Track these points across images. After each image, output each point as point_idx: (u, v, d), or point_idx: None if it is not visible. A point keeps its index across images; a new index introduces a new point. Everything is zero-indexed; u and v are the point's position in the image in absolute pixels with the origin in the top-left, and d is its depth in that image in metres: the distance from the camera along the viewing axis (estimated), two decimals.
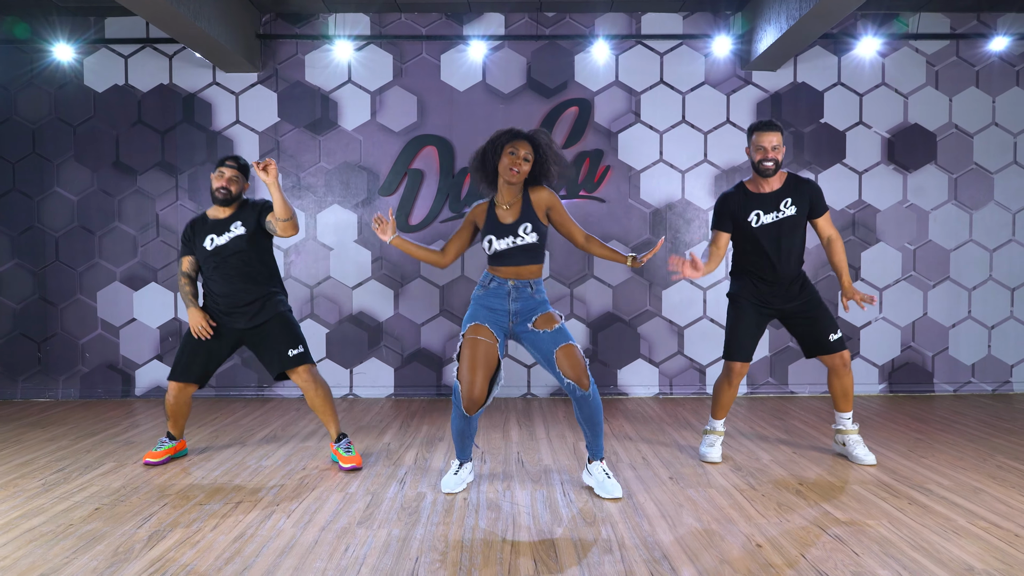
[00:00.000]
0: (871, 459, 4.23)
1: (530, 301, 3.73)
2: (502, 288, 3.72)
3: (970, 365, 6.50)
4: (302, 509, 3.49)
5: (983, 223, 6.45)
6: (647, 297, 6.43)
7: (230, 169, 4.28)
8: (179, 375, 4.31)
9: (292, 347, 4.29)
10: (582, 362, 3.61)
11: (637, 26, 6.36)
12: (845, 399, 4.32)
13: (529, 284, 3.74)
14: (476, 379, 3.60)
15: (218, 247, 4.28)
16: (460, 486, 3.80)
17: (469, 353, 3.63)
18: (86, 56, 6.35)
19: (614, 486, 3.68)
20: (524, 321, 3.71)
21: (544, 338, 3.66)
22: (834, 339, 4.22)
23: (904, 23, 6.28)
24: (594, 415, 3.70)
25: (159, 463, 4.32)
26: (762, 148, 4.11)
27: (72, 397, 6.43)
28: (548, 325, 3.68)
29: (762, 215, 4.18)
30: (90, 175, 6.37)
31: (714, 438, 4.38)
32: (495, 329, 3.70)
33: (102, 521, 3.33)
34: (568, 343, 3.64)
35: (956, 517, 3.33)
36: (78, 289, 6.41)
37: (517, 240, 3.70)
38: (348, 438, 4.42)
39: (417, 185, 6.35)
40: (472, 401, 3.61)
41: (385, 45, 6.36)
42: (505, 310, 3.72)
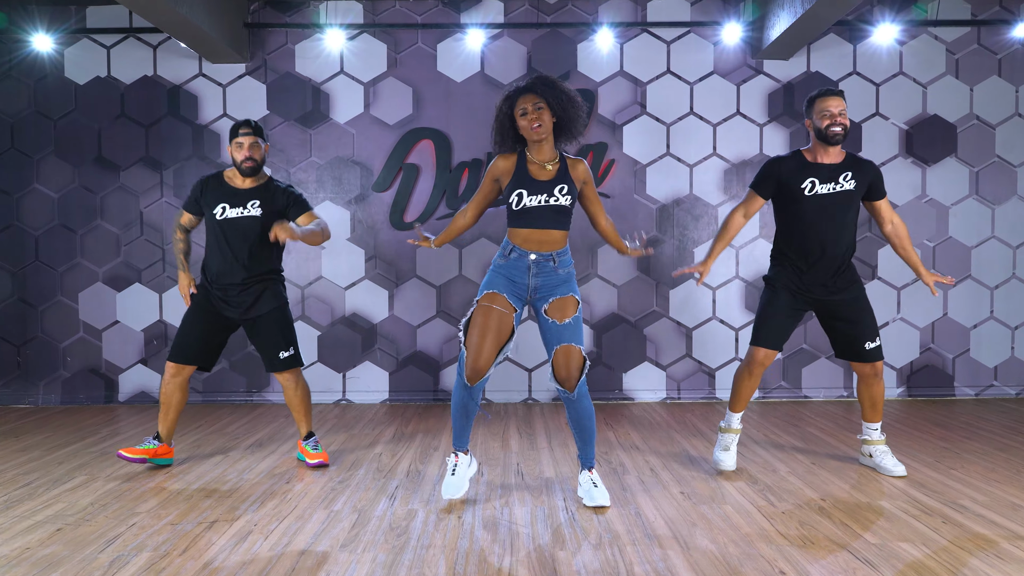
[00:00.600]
0: (901, 470, 3.93)
1: (552, 277, 3.49)
2: (522, 261, 3.48)
3: (992, 368, 6.20)
4: (281, 530, 3.21)
5: (1006, 218, 6.15)
6: (654, 297, 6.13)
7: (247, 136, 4.06)
8: (175, 355, 4.14)
9: (284, 349, 4.18)
10: (578, 366, 3.39)
11: (643, 13, 6.06)
12: (874, 409, 4.03)
13: (552, 257, 3.48)
14: (484, 347, 3.40)
15: (228, 219, 4.09)
16: (462, 488, 3.53)
17: (481, 320, 3.43)
18: (67, 47, 6.07)
19: (600, 494, 3.47)
20: (541, 299, 3.50)
21: (551, 328, 3.44)
22: (871, 347, 3.90)
23: (923, 9, 5.98)
24: (582, 419, 3.47)
25: (131, 460, 4.07)
26: (829, 113, 3.77)
27: (53, 403, 6.15)
28: (560, 315, 3.43)
29: (818, 184, 3.83)
30: (71, 171, 6.09)
31: (730, 439, 4.05)
32: (513, 299, 3.49)
33: (62, 544, 3.05)
34: (569, 344, 3.40)
35: (997, 539, 3.04)
36: (59, 290, 6.14)
37: (551, 199, 3.45)
38: (316, 436, 4.35)
39: (412, 180, 6.07)
40: (475, 370, 3.41)
41: (379, 34, 6.08)
42: (524, 283, 3.50)
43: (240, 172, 4.10)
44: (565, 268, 3.52)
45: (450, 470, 3.58)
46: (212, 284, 4.15)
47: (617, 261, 6.10)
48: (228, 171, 4.20)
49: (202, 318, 4.15)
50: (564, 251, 3.54)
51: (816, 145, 3.89)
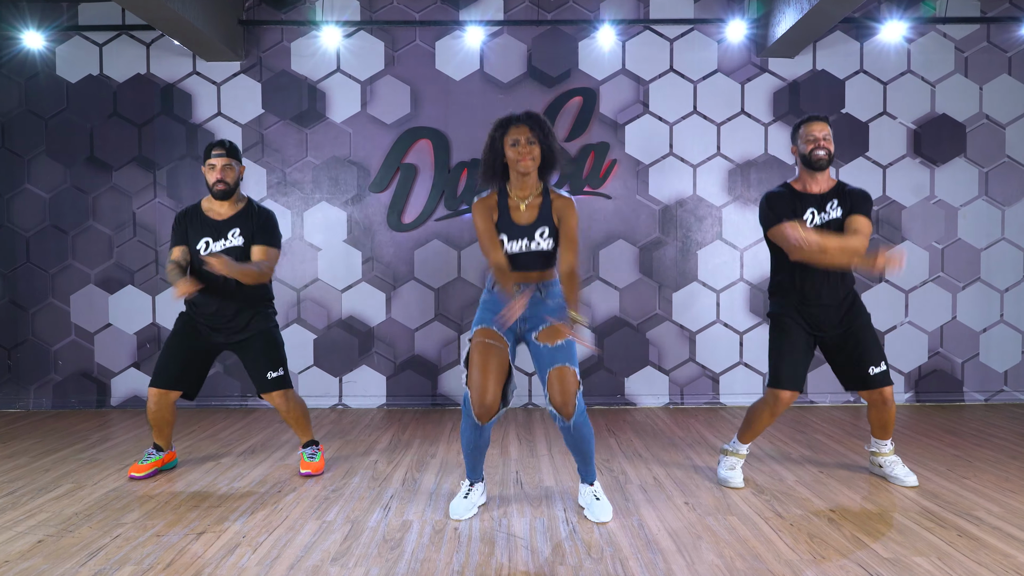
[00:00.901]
0: (912, 480, 3.81)
1: (539, 306, 3.37)
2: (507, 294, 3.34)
3: (1002, 372, 6.07)
4: (271, 541, 3.09)
5: (1016, 220, 6.02)
6: (656, 300, 6.01)
7: (220, 158, 3.94)
8: (158, 380, 4.01)
9: (272, 370, 4.07)
10: (573, 389, 3.23)
11: (645, 10, 5.94)
12: (884, 430, 3.89)
13: (538, 288, 3.38)
14: (488, 385, 3.27)
15: (214, 254, 3.92)
16: (470, 511, 3.41)
17: (479, 359, 3.30)
18: (58, 44, 5.95)
19: (602, 509, 3.35)
20: (531, 329, 3.36)
21: (543, 353, 3.31)
22: (875, 372, 3.74)
23: (931, 6, 5.86)
24: (580, 444, 3.35)
25: (144, 477, 4.01)
26: (812, 137, 3.67)
27: (44, 407, 6.03)
28: (551, 339, 3.29)
29: (815, 215, 3.71)
30: (63, 171, 5.97)
31: (735, 460, 3.91)
32: (505, 333, 3.37)
33: (43, 556, 2.93)
34: (563, 365, 3.25)
35: (1015, 552, 2.92)
36: (50, 292, 6.02)
37: (532, 245, 3.35)
38: (317, 445, 4.22)
39: (410, 181, 5.95)
40: (484, 408, 3.27)
41: (376, 31, 5.96)
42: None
43: (212, 195, 3.99)
44: (554, 299, 3.39)
45: (463, 493, 3.48)
46: (199, 315, 4.03)
47: (619, 262, 5.97)
48: (205, 201, 4.07)
49: (186, 344, 4.03)
50: (551, 283, 3.43)
51: (803, 173, 3.76)
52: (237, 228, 4.00)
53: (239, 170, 4.03)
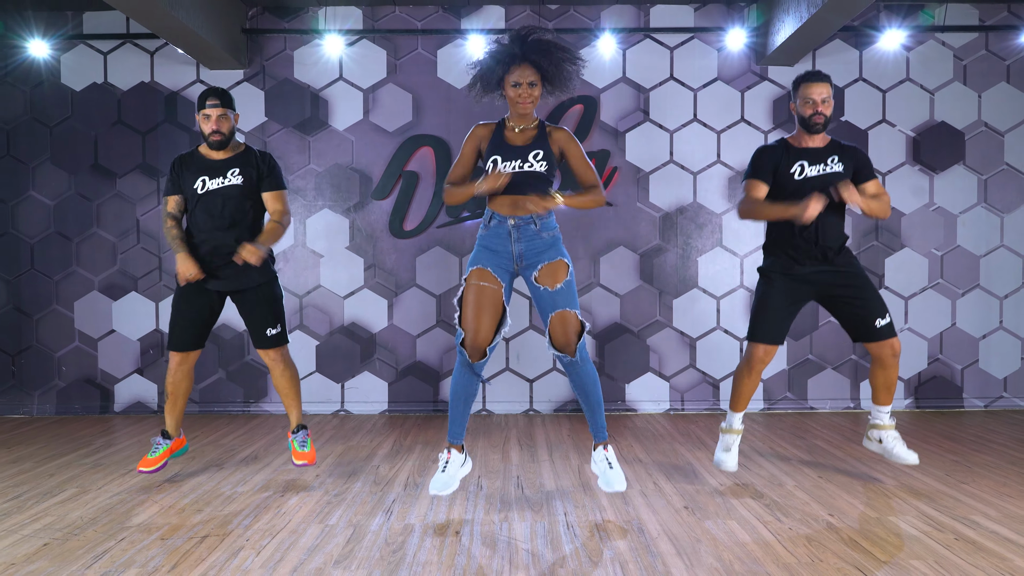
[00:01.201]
0: (913, 458, 3.84)
1: (535, 241, 3.39)
2: (503, 227, 3.42)
3: (1002, 379, 6.09)
4: (274, 545, 3.12)
5: (1015, 227, 6.05)
6: (657, 307, 6.04)
7: (214, 108, 3.96)
8: (176, 344, 4.06)
9: (271, 326, 4.10)
10: (575, 331, 3.32)
11: (646, 19, 6.00)
12: (887, 391, 3.90)
13: (532, 220, 3.39)
14: (481, 323, 3.35)
15: (210, 191, 4.01)
16: (449, 486, 3.41)
17: (473, 299, 3.37)
18: (63, 53, 6.01)
19: (616, 478, 3.40)
20: (529, 267, 3.41)
21: (544, 296, 3.36)
22: (882, 324, 3.76)
23: (930, 15, 5.90)
24: (585, 385, 3.40)
25: (154, 470, 4.03)
26: (811, 101, 3.74)
27: (48, 413, 6.06)
28: (550, 281, 3.35)
29: (807, 167, 3.78)
30: (67, 178, 6.03)
31: (731, 439, 3.97)
32: (499, 272, 3.42)
33: (48, 559, 2.96)
34: (565, 310, 3.32)
35: (1012, 556, 2.94)
36: (54, 299, 6.06)
37: (524, 165, 3.35)
38: (307, 429, 4.20)
39: (412, 188, 5.99)
40: (475, 346, 3.34)
41: (378, 40, 6.01)
42: (508, 252, 3.42)
43: (208, 146, 4.02)
44: (549, 231, 3.42)
45: (441, 466, 3.47)
46: (197, 251, 4.03)
47: (620, 269, 6.01)
48: (201, 147, 4.12)
49: (190, 300, 4.04)
50: (548, 214, 3.44)
51: (800, 131, 3.85)
52: (236, 168, 4.01)
53: (234, 118, 4.04)
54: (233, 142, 4.10)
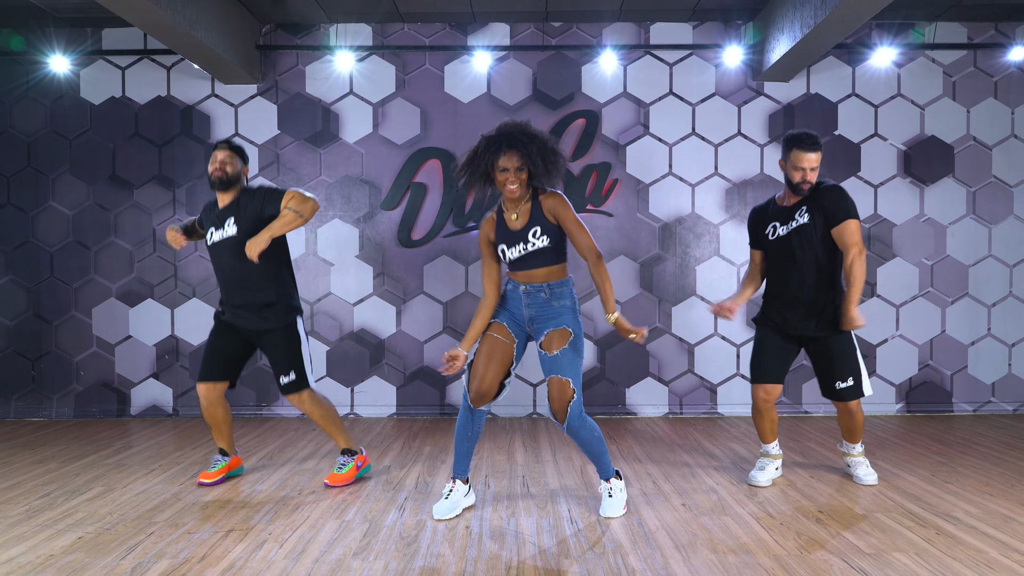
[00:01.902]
0: (872, 479, 4.12)
1: (545, 308, 3.54)
2: (516, 292, 3.61)
3: (990, 384, 6.29)
4: (295, 538, 3.31)
5: (1002, 238, 6.26)
6: (656, 314, 6.24)
7: (222, 151, 4.13)
8: (202, 375, 4.22)
9: (284, 374, 4.17)
10: (565, 398, 3.41)
11: (646, 36, 6.21)
12: (851, 435, 4.20)
13: (543, 288, 3.54)
14: (488, 371, 3.54)
15: (215, 243, 4.18)
16: (452, 512, 3.61)
17: (486, 348, 3.58)
18: (82, 68, 6.23)
19: (610, 505, 3.61)
20: (538, 331, 3.56)
21: (544, 360, 3.51)
22: (841, 387, 4.00)
23: (920, 33, 6.12)
24: (584, 445, 3.57)
25: (213, 483, 4.22)
26: (801, 169, 3.89)
27: (66, 416, 6.26)
28: (550, 347, 3.48)
29: (778, 227, 4.02)
30: (86, 189, 6.24)
31: (766, 461, 4.20)
32: (513, 329, 3.61)
33: (84, 551, 3.16)
34: (557, 376, 3.44)
35: (988, 549, 3.14)
36: (73, 305, 6.26)
37: (528, 246, 3.51)
38: (351, 455, 4.28)
39: (420, 199, 6.20)
40: (479, 393, 3.53)
41: (387, 56, 6.23)
42: (521, 314, 3.61)
43: (210, 184, 4.15)
44: (560, 301, 3.52)
45: (444, 494, 3.67)
46: (224, 305, 4.24)
47: (620, 278, 6.21)
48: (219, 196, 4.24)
49: (219, 335, 4.24)
50: (559, 283, 3.54)
51: (786, 189, 4.05)
52: (232, 217, 4.11)
53: (241, 167, 4.16)
54: (237, 188, 4.16)
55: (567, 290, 3.58)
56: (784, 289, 4.03)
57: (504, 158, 3.41)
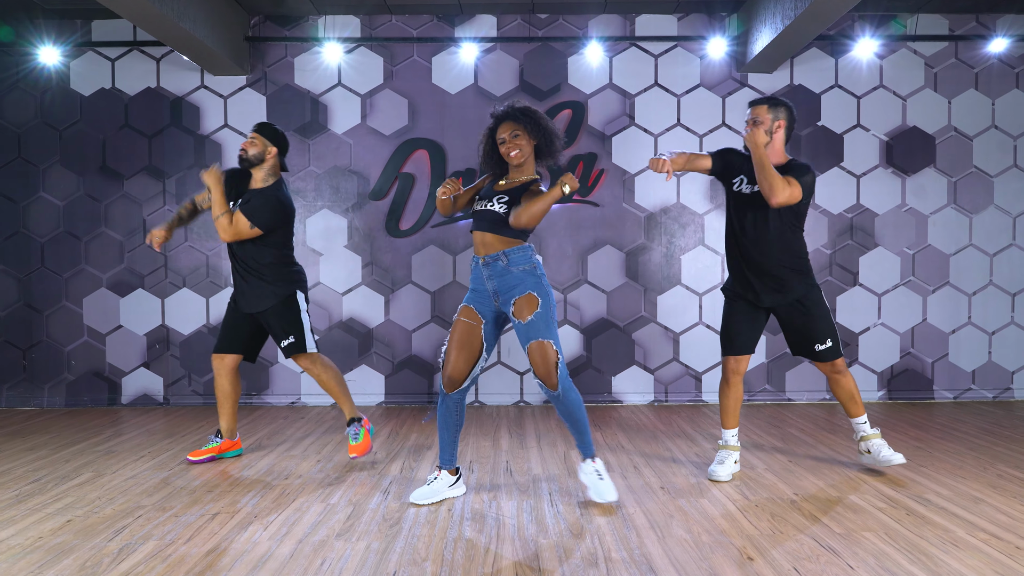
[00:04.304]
0: (899, 459, 4.00)
1: (506, 277, 3.54)
2: (477, 268, 3.64)
3: (970, 372, 6.39)
4: (280, 521, 3.39)
5: (983, 227, 6.35)
6: (642, 303, 6.32)
7: (253, 132, 4.34)
8: (215, 347, 4.46)
9: (283, 337, 4.35)
10: (552, 360, 3.45)
11: (631, 28, 6.27)
12: (852, 402, 4.10)
13: (499, 256, 3.54)
14: (459, 358, 3.60)
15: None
16: (430, 498, 3.64)
17: (456, 335, 3.64)
18: (72, 59, 6.26)
19: (607, 488, 3.55)
20: (505, 302, 3.57)
21: (519, 328, 3.53)
22: (820, 349, 4.01)
23: (902, 25, 6.19)
24: (571, 413, 3.58)
25: (198, 461, 4.41)
26: (746, 122, 4.02)
27: (57, 405, 6.32)
28: (523, 314, 3.49)
29: (744, 181, 3.98)
30: (76, 180, 6.28)
31: (724, 453, 4.10)
32: (482, 310, 3.63)
33: (72, 534, 3.22)
34: (539, 340, 3.47)
35: (955, 528, 3.22)
36: (64, 295, 6.31)
37: (489, 204, 3.59)
38: (359, 422, 4.40)
39: (408, 189, 6.26)
40: (448, 379, 3.60)
41: (375, 47, 6.28)
42: (485, 290, 3.61)
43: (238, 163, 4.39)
44: (519, 266, 3.53)
45: (428, 481, 3.73)
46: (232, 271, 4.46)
47: (606, 267, 6.28)
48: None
49: (230, 314, 4.46)
50: (516, 249, 3.54)
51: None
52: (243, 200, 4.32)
53: (263, 149, 4.30)
54: (266, 172, 4.34)
55: (525, 256, 3.56)
56: (741, 254, 3.99)
57: (500, 129, 3.63)
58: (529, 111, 3.62)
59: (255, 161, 4.31)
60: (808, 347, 4.05)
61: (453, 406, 3.67)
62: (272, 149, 4.34)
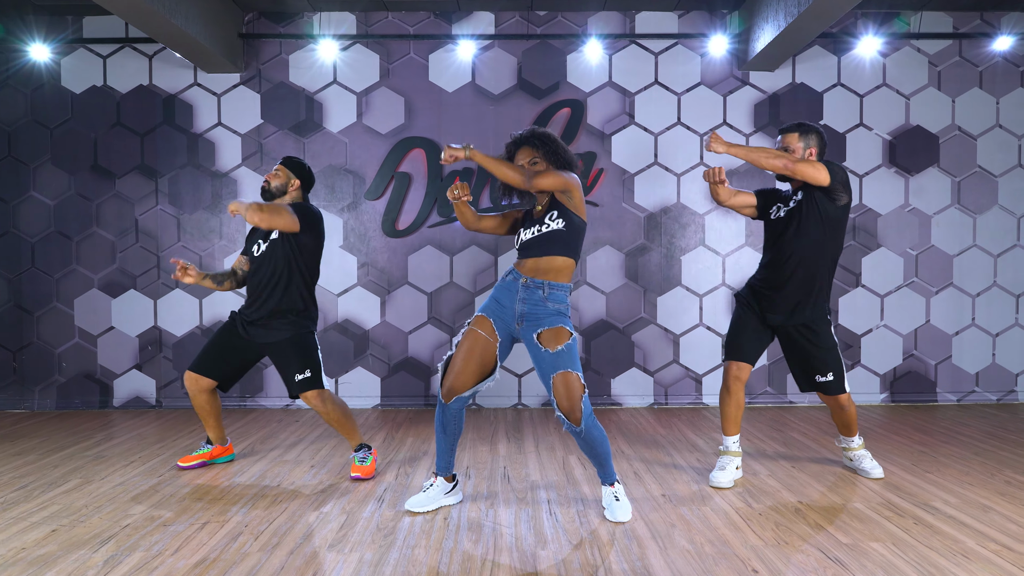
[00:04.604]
0: (878, 472, 4.05)
1: (540, 307, 3.43)
2: (515, 283, 3.49)
3: (974, 374, 6.30)
4: (271, 530, 3.29)
5: (987, 227, 6.26)
6: (641, 304, 6.23)
7: (279, 165, 4.27)
8: (192, 365, 4.28)
9: (299, 372, 4.16)
10: (578, 394, 3.30)
11: (631, 25, 6.18)
12: (847, 428, 4.14)
13: (543, 285, 3.44)
14: (466, 369, 3.45)
15: (261, 254, 4.22)
16: (426, 505, 3.55)
17: (467, 344, 3.48)
18: (63, 56, 6.16)
19: (622, 510, 3.43)
20: (530, 329, 3.43)
21: (545, 357, 3.37)
22: (821, 381, 3.97)
23: (905, 22, 6.10)
24: (593, 448, 3.42)
25: (188, 467, 4.34)
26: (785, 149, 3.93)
27: (48, 408, 6.22)
28: (552, 344, 3.36)
29: (781, 208, 4.00)
30: (67, 179, 6.18)
31: (726, 459, 4.03)
32: (500, 327, 3.49)
33: (57, 544, 3.13)
34: (568, 371, 3.33)
35: (965, 538, 3.14)
36: (55, 296, 6.22)
37: (542, 228, 3.49)
38: (368, 448, 4.26)
39: (404, 189, 6.16)
40: (450, 388, 3.46)
41: (371, 45, 6.18)
42: (512, 310, 3.48)
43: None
44: (555, 303, 3.43)
45: (424, 487, 3.64)
46: (242, 310, 4.27)
47: (606, 268, 6.19)
48: None
49: (223, 337, 4.27)
50: (560, 286, 3.46)
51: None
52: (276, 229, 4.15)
53: (289, 180, 4.22)
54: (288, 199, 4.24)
55: (563, 295, 3.49)
56: (774, 276, 3.96)
57: (519, 154, 3.57)
58: (548, 138, 3.55)
59: (277, 193, 4.22)
60: (809, 377, 4.01)
61: (452, 415, 3.55)
62: (295, 181, 4.25)
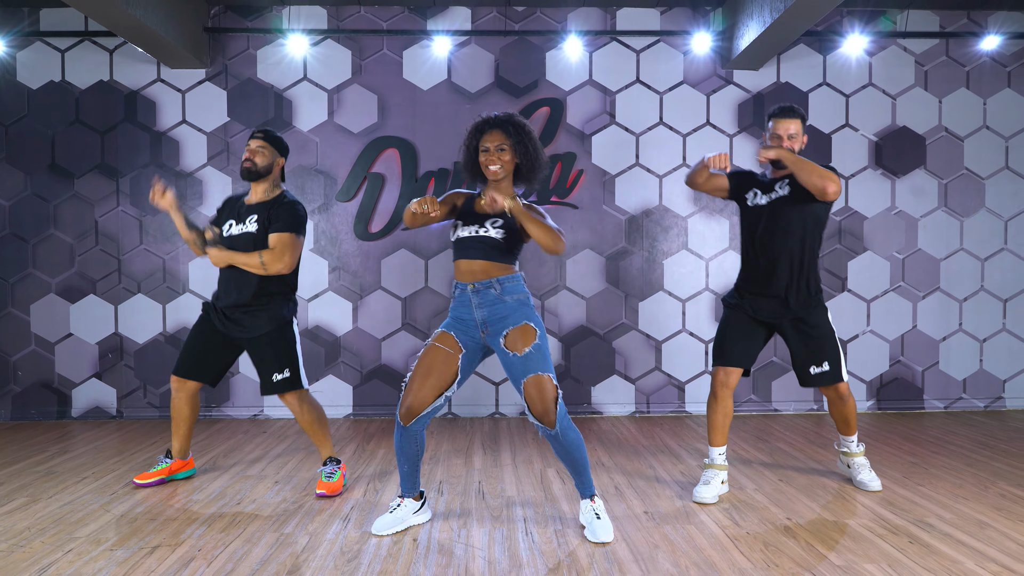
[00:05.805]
0: (876, 485, 3.89)
1: (498, 306, 3.23)
2: (464, 295, 3.29)
3: (961, 380, 6.17)
4: (226, 555, 3.06)
5: (974, 231, 6.13)
6: (623, 309, 6.04)
7: (256, 140, 3.93)
8: (177, 369, 4.04)
9: (278, 371, 3.94)
10: (551, 396, 3.13)
11: (612, 22, 5.99)
12: (846, 424, 3.96)
13: (492, 283, 3.23)
14: (422, 387, 3.22)
15: (231, 236, 3.93)
16: (394, 528, 3.33)
17: (425, 362, 3.26)
18: (19, 50, 5.88)
19: (603, 529, 3.22)
20: (495, 333, 3.23)
21: (514, 362, 3.18)
22: (815, 372, 3.80)
23: (891, 21, 5.95)
24: (570, 453, 3.24)
25: (146, 485, 4.04)
26: (777, 136, 3.75)
27: (3, 419, 5.93)
28: (519, 346, 3.17)
29: (759, 194, 3.81)
30: (23, 178, 5.90)
31: (711, 473, 3.83)
32: (464, 340, 3.28)
33: None
34: (539, 374, 3.15)
35: (963, 558, 2.96)
36: (10, 302, 5.93)
37: (481, 231, 3.26)
38: (336, 463, 4.03)
39: (378, 190, 5.94)
40: (408, 409, 3.22)
41: (343, 40, 5.95)
42: (472, 320, 3.27)
43: (240, 174, 3.95)
44: (513, 295, 3.25)
45: (390, 508, 3.41)
46: (216, 304, 4.00)
47: (585, 273, 6.00)
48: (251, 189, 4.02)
49: (202, 334, 4.02)
50: (508, 278, 3.26)
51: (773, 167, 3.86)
52: (256, 215, 3.89)
53: (273, 160, 3.94)
54: (271, 183, 3.97)
55: (518, 285, 3.29)
56: (756, 271, 3.81)
57: (486, 136, 3.28)
58: (522, 129, 3.29)
59: (264, 172, 3.92)
60: (804, 369, 3.83)
61: (411, 436, 3.31)
62: (281, 160, 4.00)
